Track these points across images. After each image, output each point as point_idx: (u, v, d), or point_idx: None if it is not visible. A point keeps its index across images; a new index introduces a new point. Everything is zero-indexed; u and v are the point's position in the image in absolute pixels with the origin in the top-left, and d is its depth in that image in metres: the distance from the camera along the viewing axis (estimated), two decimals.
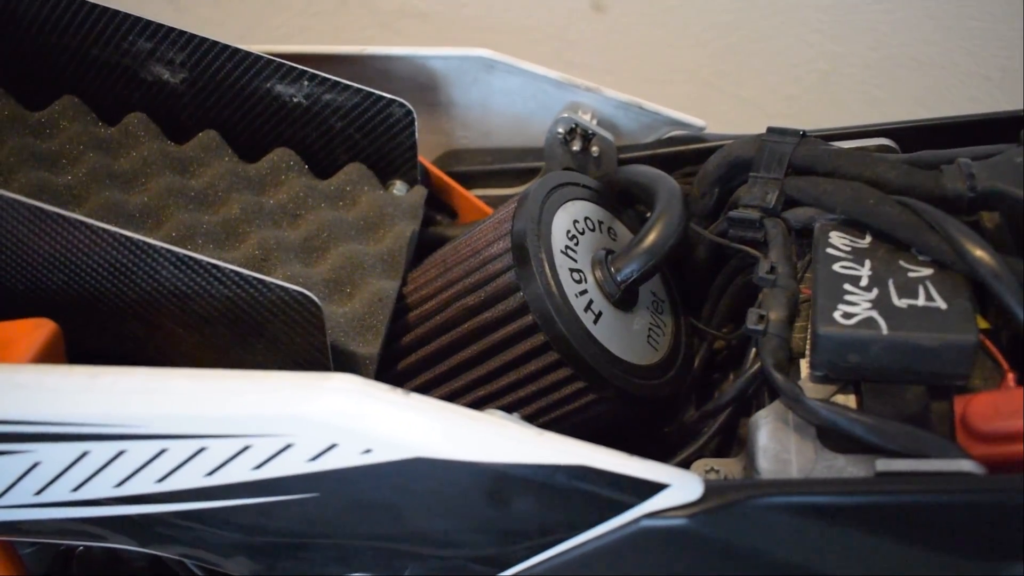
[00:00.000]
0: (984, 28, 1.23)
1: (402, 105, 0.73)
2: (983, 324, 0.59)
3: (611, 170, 0.79)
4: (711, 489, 0.51)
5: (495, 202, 0.82)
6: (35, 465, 0.57)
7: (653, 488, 0.51)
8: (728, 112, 1.34)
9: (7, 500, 0.59)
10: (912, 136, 0.76)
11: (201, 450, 0.54)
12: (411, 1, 1.33)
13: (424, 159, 0.82)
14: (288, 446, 0.52)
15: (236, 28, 1.42)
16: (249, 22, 1.41)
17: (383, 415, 0.51)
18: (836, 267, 0.60)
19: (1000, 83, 1.25)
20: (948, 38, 1.24)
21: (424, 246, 0.76)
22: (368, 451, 0.52)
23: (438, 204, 0.83)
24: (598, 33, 1.31)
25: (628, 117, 0.79)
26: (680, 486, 0.51)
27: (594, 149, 0.78)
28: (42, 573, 0.76)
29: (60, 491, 0.58)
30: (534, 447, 0.50)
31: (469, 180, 0.85)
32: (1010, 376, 0.56)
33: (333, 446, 0.52)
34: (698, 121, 0.78)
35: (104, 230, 0.58)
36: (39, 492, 0.58)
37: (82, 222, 0.58)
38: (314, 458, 0.53)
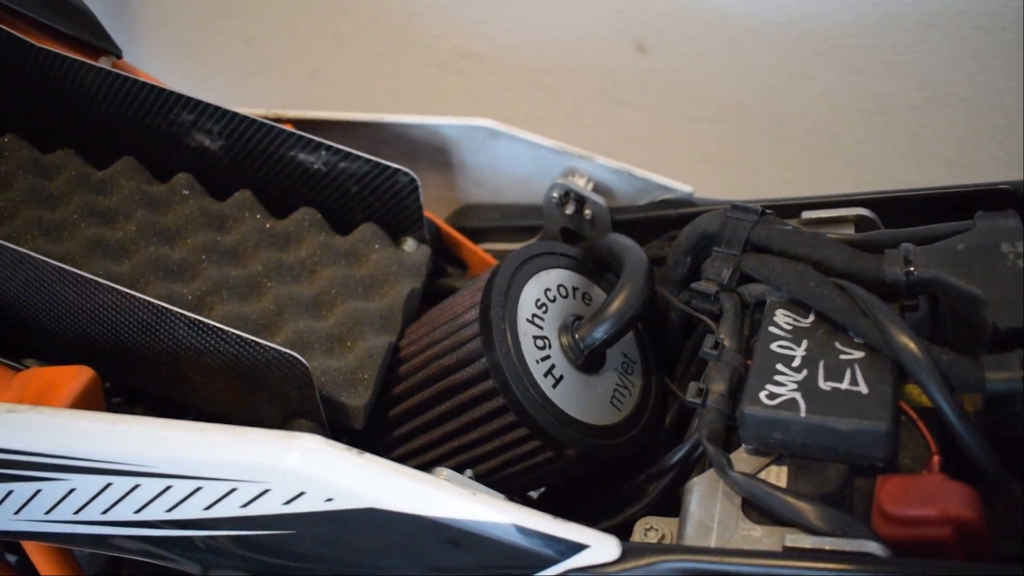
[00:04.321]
0: None
1: (406, 174, 0.81)
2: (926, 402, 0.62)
3: (605, 231, 0.84)
4: (628, 551, 0.57)
5: (501, 255, 0.89)
6: (71, 491, 0.68)
7: (574, 547, 0.57)
8: (771, 150, 1.36)
9: (54, 516, 0.71)
10: (893, 207, 0.78)
11: (198, 488, 0.63)
12: (465, 43, 1.40)
13: (436, 217, 0.89)
14: (266, 491, 0.61)
15: (308, 65, 1.53)
16: (320, 60, 1.52)
17: (339, 470, 0.59)
18: (773, 346, 0.64)
19: None
20: (995, 77, 1.22)
21: (435, 297, 0.83)
22: (330, 499, 0.60)
23: (449, 257, 0.90)
24: (642, 73, 1.35)
25: (621, 182, 0.84)
26: (598, 547, 0.57)
27: (587, 212, 0.84)
28: (96, 573, 0.89)
29: (92, 513, 0.69)
30: (468, 505, 0.57)
31: (479, 235, 0.92)
32: (935, 459, 0.59)
33: (302, 493, 0.60)
34: (685, 187, 0.83)
35: (130, 295, 0.68)
36: (76, 512, 0.69)
37: (114, 288, 0.69)
38: (287, 502, 0.61)
